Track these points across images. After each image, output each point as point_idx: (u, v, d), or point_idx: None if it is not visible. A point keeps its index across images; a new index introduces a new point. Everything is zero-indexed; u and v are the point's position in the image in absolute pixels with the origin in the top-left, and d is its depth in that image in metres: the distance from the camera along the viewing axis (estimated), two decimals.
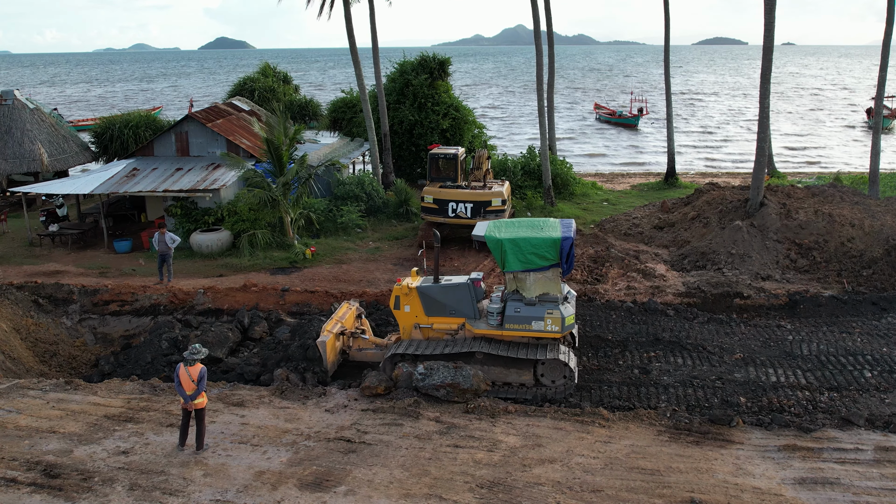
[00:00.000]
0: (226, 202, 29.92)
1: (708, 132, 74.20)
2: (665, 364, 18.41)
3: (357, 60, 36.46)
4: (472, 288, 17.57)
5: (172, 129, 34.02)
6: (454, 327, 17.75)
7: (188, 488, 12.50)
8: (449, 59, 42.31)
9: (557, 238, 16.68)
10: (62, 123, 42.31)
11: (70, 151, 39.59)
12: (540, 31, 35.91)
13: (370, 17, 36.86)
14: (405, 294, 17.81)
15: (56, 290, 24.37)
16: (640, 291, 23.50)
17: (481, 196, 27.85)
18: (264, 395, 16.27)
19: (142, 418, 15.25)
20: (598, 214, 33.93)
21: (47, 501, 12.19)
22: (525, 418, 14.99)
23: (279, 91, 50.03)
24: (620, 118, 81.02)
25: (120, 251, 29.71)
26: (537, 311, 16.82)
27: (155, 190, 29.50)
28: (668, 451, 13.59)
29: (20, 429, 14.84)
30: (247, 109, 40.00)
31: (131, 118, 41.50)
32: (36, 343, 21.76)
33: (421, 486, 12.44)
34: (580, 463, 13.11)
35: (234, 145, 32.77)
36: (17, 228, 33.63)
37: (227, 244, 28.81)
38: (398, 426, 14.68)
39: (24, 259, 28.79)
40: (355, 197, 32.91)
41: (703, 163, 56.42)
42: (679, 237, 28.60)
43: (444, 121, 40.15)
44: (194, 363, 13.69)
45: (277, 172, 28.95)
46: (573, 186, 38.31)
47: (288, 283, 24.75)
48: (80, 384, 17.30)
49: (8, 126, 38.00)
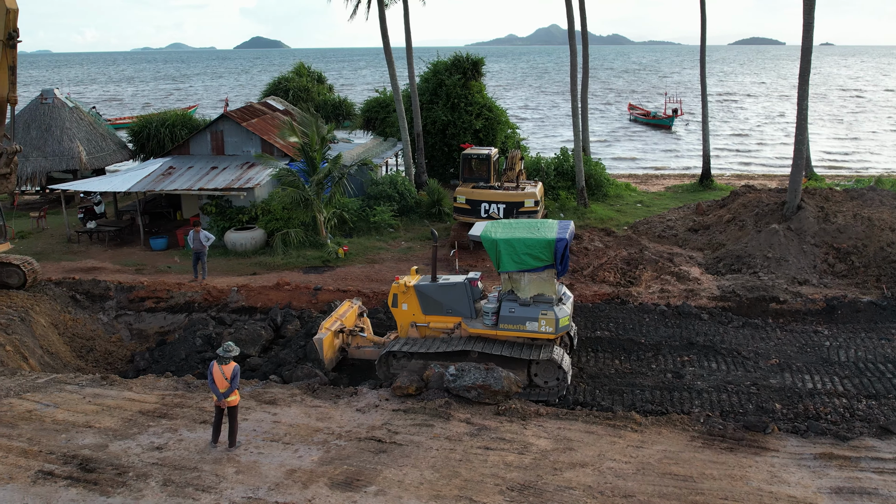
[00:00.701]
0: (260, 201, 30.16)
1: (744, 134, 73.24)
2: (699, 369, 18.22)
3: (391, 60, 36.54)
4: (468, 287, 17.73)
5: (208, 128, 34.36)
6: (450, 326, 17.88)
7: (220, 485, 12.61)
8: (482, 59, 42.22)
9: (552, 239, 16.73)
10: (100, 122, 42.91)
11: (108, 149, 40.15)
12: (574, 30, 35.72)
13: (404, 17, 36.91)
14: (403, 292, 18.00)
15: (93, 287, 24.74)
16: (673, 294, 23.28)
17: (514, 197, 27.76)
18: (296, 394, 16.36)
19: (176, 414, 15.42)
20: (632, 216, 33.67)
21: (83, 495, 12.36)
22: (556, 421, 14.91)
23: (313, 91, 50.30)
24: (655, 119, 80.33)
25: (156, 248, 30.06)
26: (532, 312, 16.89)
27: (190, 188, 29.82)
28: (702, 457, 13.43)
29: (57, 423, 15.08)
30: (281, 109, 40.27)
31: (168, 117, 41.96)
32: (73, 338, 22.12)
33: (451, 487, 12.43)
34: (612, 467, 13.01)
35: (268, 144, 33.01)
36: (56, 225, 34.20)
37: (261, 243, 29.03)
38: (429, 427, 14.68)
39: (63, 255, 29.26)
40: (388, 197, 32.98)
41: (739, 165, 55.72)
42: (714, 240, 28.28)
43: (477, 121, 40.09)
44: (228, 361, 13.80)
45: (311, 172, 29.12)
46: (607, 188, 38.04)
47: (320, 281, 24.88)
48: (115, 380, 17.54)
49: (48, 124, 38.62)
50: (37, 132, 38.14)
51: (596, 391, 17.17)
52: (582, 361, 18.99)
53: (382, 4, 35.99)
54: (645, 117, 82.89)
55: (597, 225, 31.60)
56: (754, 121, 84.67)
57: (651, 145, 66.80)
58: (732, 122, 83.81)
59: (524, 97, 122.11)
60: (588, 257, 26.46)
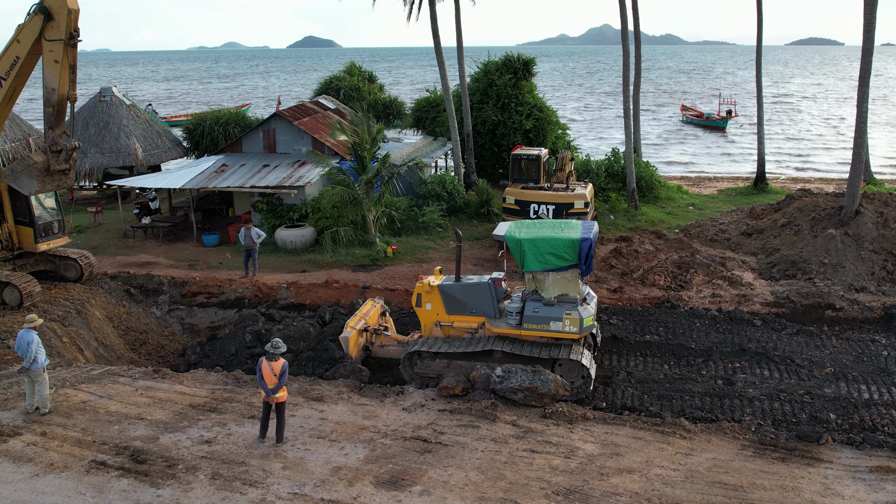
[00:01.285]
0: (310, 199, 30.44)
1: (800, 137, 71.71)
2: (750, 376, 17.86)
3: (441, 60, 36.57)
4: (492, 287, 17.68)
5: (260, 127, 34.80)
6: (474, 326, 17.87)
7: (267, 480, 12.74)
8: (534, 59, 41.99)
9: (576, 239, 16.66)
10: (156, 119, 43.77)
11: (163, 147, 40.93)
12: (627, 30, 35.35)
13: (455, 16, 36.91)
14: (427, 292, 18.02)
15: (147, 281, 25.23)
16: (725, 299, 22.89)
17: (564, 198, 27.57)
18: (343, 391, 16.46)
19: (225, 409, 15.62)
20: (684, 219, 33.20)
21: (134, 486, 12.59)
22: (603, 426, 14.75)
23: (364, 90, 50.59)
24: (708, 120, 79.09)
25: (208, 245, 30.54)
26: (556, 312, 16.83)
27: (242, 186, 30.22)
28: (752, 466, 13.16)
29: (110, 414, 15.39)
30: (332, 108, 40.60)
31: (221, 115, 42.59)
32: (127, 331, 22.58)
33: (496, 489, 12.37)
34: (659, 474, 12.82)
35: (319, 143, 33.30)
36: (112, 220, 34.95)
37: (311, 240, 29.29)
38: (475, 428, 14.64)
39: (118, 250, 29.89)
40: (437, 196, 33.00)
41: (795, 168, 54.54)
42: (768, 244, 27.73)
43: (527, 121, 39.90)
44: (276, 358, 13.93)
45: (361, 171, 29.29)
46: (658, 189, 37.55)
47: (369, 280, 25.01)
48: (167, 373, 17.85)
49: (106, 121, 39.51)
50: (95, 129, 39.07)
51: (644, 396, 16.94)
52: (630, 366, 18.77)
53: (434, 4, 36.05)
54: (698, 119, 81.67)
55: (647, 227, 31.23)
56: (811, 124, 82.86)
57: (704, 147, 65.80)
58: (788, 124, 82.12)
59: (575, 97, 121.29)
60: (638, 260, 26.15)
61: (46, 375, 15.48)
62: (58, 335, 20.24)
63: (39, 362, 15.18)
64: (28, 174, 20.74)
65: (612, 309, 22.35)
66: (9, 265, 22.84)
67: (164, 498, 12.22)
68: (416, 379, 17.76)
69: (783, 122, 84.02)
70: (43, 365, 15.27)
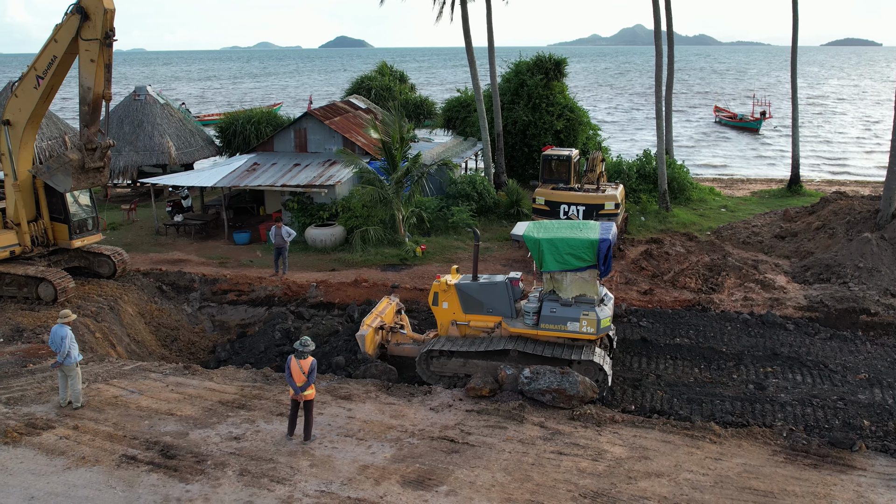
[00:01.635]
0: (340, 198, 30.56)
1: (836, 140, 70.66)
2: (782, 380, 17.61)
3: (472, 60, 36.53)
4: (509, 287, 17.58)
5: (292, 126, 35.02)
6: (491, 325, 17.83)
7: (295, 477, 12.79)
8: (565, 59, 41.80)
9: (595, 239, 16.58)
10: (189, 118, 44.22)
11: (196, 145, 41.33)
12: (660, 30, 35.07)
13: (487, 16, 36.86)
14: (443, 291, 17.99)
15: (179, 278, 25.49)
16: (757, 303, 22.61)
17: (594, 199, 27.41)
18: (371, 390, 16.49)
19: (254, 406, 15.73)
20: (716, 221, 32.86)
21: (163, 481, 12.71)
22: (632, 429, 14.63)
23: (395, 90, 50.72)
24: (742, 121, 78.22)
25: (239, 243, 30.79)
26: (573, 312, 16.74)
27: (273, 185, 30.43)
28: (783, 472, 12.97)
29: (141, 409, 15.56)
30: (363, 107, 40.75)
31: (253, 114, 42.93)
32: (158, 328, 22.82)
33: (523, 491, 12.31)
34: (688, 479, 12.68)
35: (350, 142, 33.44)
36: (145, 218, 35.37)
37: (341, 239, 29.41)
38: (502, 429, 14.59)
39: (151, 247, 30.24)
40: (466, 196, 32.98)
41: (830, 171, 53.72)
42: (802, 248, 27.35)
43: (558, 122, 39.72)
44: (305, 356, 13.98)
45: (391, 170, 29.35)
46: (690, 191, 37.21)
47: (398, 279, 25.04)
48: (197, 369, 18.01)
49: (140, 120, 39.99)
50: (129, 128, 39.56)
51: (674, 399, 16.77)
52: (660, 368, 18.60)
53: (465, 4, 36.03)
54: (731, 120, 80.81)
55: (679, 229, 30.96)
56: (847, 126, 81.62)
57: (737, 149, 65.08)
58: (824, 126, 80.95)
59: (606, 98, 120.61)
60: (669, 262, 25.92)
61: (79, 370, 15.69)
62: (91, 331, 20.53)
63: (73, 357, 15.39)
64: (63, 171, 21.05)
65: (642, 311, 22.17)
66: (44, 261, 23.21)
67: (193, 493, 12.33)
68: (432, 377, 17.80)
69: (818, 123, 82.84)
70: (76, 360, 15.47)
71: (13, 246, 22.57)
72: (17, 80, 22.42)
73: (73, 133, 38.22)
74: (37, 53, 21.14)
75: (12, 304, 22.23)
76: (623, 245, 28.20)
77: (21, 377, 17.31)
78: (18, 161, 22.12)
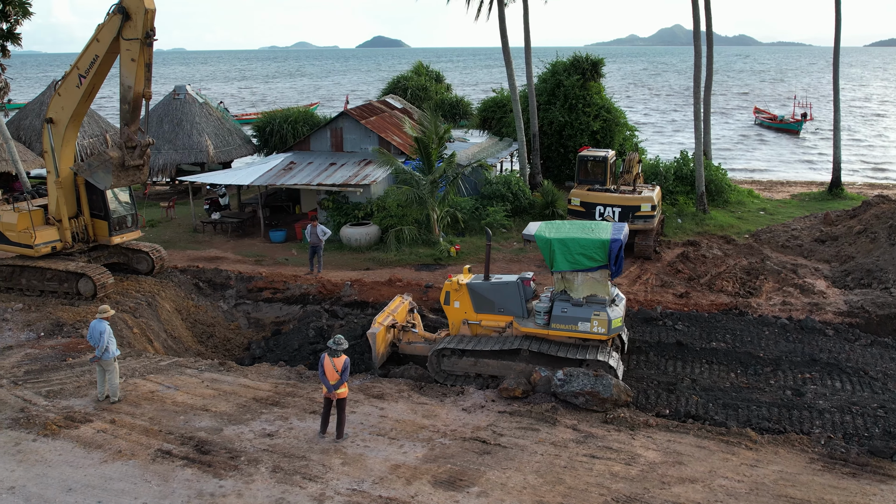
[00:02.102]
0: (375, 198, 30.66)
1: (879, 142, 69.25)
2: (821, 387, 17.30)
3: (509, 60, 36.43)
4: (521, 287, 17.67)
5: (328, 125, 35.23)
6: (502, 325, 17.92)
7: (326, 475, 12.84)
8: (602, 59, 41.52)
9: (606, 240, 16.60)
10: (227, 117, 44.71)
11: (234, 144, 41.76)
12: (699, 30, 34.66)
13: (524, 16, 36.74)
14: (455, 290, 18.12)
15: (215, 276, 25.75)
16: (796, 308, 22.23)
17: (630, 200, 27.16)
18: (403, 390, 16.51)
19: (287, 403, 15.82)
20: (754, 224, 32.39)
21: (197, 476, 12.84)
22: (666, 433, 14.46)
23: (431, 89, 50.76)
24: (782, 123, 77.06)
25: (275, 241, 31.04)
26: (584, 312, 16.78)
27: (309, 183, 30.61)
28: (821, 480, 12.72)
29: (177, 404, 15.74)
30: (399, 107, 40.84)
31: (290, 113, 43.26)
32: (195, 324, 23.07)
33: (554, 494, 12.23)
34: (723, 485, 12.50)
35: (385, 142, 33.54)
36: (184, 215, 35.79)
37: (375, 239, 29.51)
38: (534, 431, 14.51)
39: (188, 244, 30.59)
40: (501, 197, 32.90)
41: (872, 174, 52.69)
42: (842, 252, 26.85)
43: (594, 122, 39.47)
44: (339, 354, 14.03)
45: (426, 170, 29.37)
46: (728, 193, 36.73)
47: (432, 279, 25.05)
48: (232, 366, 18.18)
49: (179, 119, 40.51)
50: (169, 126, 40.10)
51: (709, 405, 16.56)
52: (695, 373, 18.38)
53: (502, 4, 35.94)
54: (771, 122, 79.65)
55: (716, 232, 30.57)
56: (891, 129, 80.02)
57: (777, 151, 64.12)
58: (866, 128, 79.44)
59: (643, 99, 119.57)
60: (706, 265, 25.61)
61: (117, 365, 15.92)
62: (129, 326, 20.81)
63: (111, 352, 15.61)
64: (104, 169, 21.36)
65: (678, 314, 21.93)
66: (84, 257, 23.58)
67: (227, 489, 12.43)
68: (441, 376, 17.92)
69: (861, 126, 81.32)
70: (114, 355, 15.70)
71: (54, 242, 22.97)
72: (60, 79, 22.82)
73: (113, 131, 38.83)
74: (79, 53, 21.48)
75: (53, 299, 22.64)
76: (659, 247, 27.93)
77: (60, 371, 17.61)
78: (60, 158, 22.49)
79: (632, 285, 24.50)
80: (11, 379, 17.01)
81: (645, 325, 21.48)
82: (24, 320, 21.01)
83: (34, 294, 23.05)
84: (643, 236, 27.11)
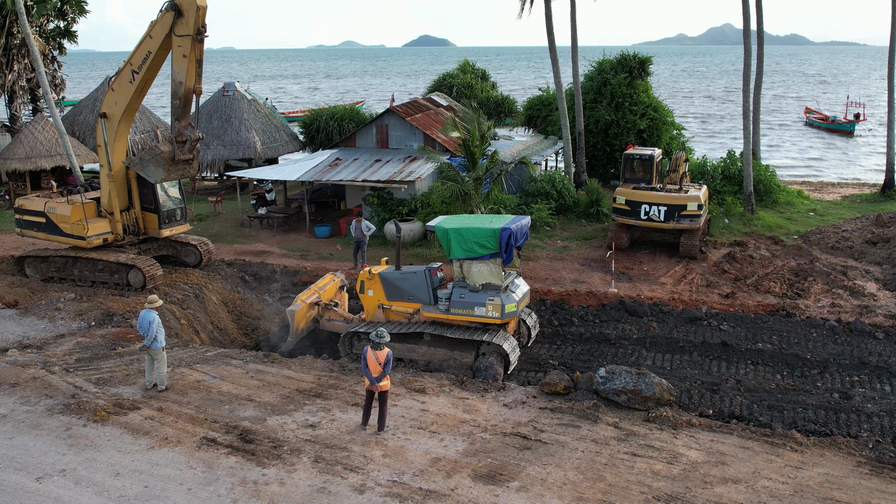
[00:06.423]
0: (419, 194, 30.75)
1: None
2: (870, 390, 16.97)
3: (555, 58, 36.26)
4: (428, 276, 19.12)
5: (374, 122, 35.42)
6: (411, 311, 19.39)
7: (368, 466, 12.96)
8: (650, 57, 41.11)
9: (497, 229, 17.78)
10: (275, 114, 45.20)
11: (281, 140, 42.24)
12: (749, 29, 34.10)
13: (571, 14, 36.53)
14: (368, 279, 19.74)
15: (261, 269, 26.10)
16: (845, 310, 21.81)
17: (676, 199, 26.85)
18: (445, 384, 16.58)
19: (330, 395, 16.00)
20: (804, 225, 31.80)
21: (241, 464, 13.05)
22: (709, 433, 14.31)
23: (476, 88, 50.74)
24: (834, 123, 75.45)
25: (320, 236, 31.33)
26: (480, 298, 18.11)
27: (354, 180, 30.83)
28: (868, 485, 12.48)
29: (222, 394, 16.01)
30: (444, 105, 40.91)
31: (336, 111, 43.57)
32: (240, 316, 23.43)
33: (595, 490, 12.19)
34: (767, 487, 12.33)
35: (430, 139, 33.63)
36: (231, 210, 36.33)
37: (419, 235, 29.61)
38: (575, 428, 14.47)
39: (235, 238, 31.04)
40: (546, 194, 32.77)
41: None
42: (894, 254, 26.25)
43: (641, 121, 39.11)
44: (381, 347, 14.16)
45: (470, 167, 29.36)
46: (776, 194, 36.08)
47: None
48: (276, 358, 18.43)
49: (228, 115, 41.09)
50: (218, 122, 40.69)
51: (753, 406, 16.35)
52: (740, 373, 18.16)
53: (549, 2, 35.79)
54: (823, 122, 78.04)
55: (764, 233, 30.08)
56: None
57: (828, 151, 62.83)
58: None
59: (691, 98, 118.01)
60: (753, 266, 25.25)
61: (165, 354, 16.25)
62: (176, 317, 21.22)
63: (159, 341, 15.94)
64: (155, 163, 21.81)
65: (723, 315, 21.67)
66: (134, 249, 24.09)
67: (269, 477, 12.62)
68: (352, 357, 19.37)
69: None
70: (162, 344, 16.03)
71: (106, 234, 23.50)
72: (113, 75, 23.32)
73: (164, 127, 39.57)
74: (132, 49, 21.95)
75: (104, 289, 23.19)
76: (705, 247, 27.59)
77: (110, 359, 18.04)
78: (113, 152, 23.00)
79: (676, 285, 24.25)
80: (63, 366, 17.47)
81: (689, 324, 21.28)
82: (76, 310, 21.55)
83: (86, 284, 23.65)
84: (689, 236, 26.79)
